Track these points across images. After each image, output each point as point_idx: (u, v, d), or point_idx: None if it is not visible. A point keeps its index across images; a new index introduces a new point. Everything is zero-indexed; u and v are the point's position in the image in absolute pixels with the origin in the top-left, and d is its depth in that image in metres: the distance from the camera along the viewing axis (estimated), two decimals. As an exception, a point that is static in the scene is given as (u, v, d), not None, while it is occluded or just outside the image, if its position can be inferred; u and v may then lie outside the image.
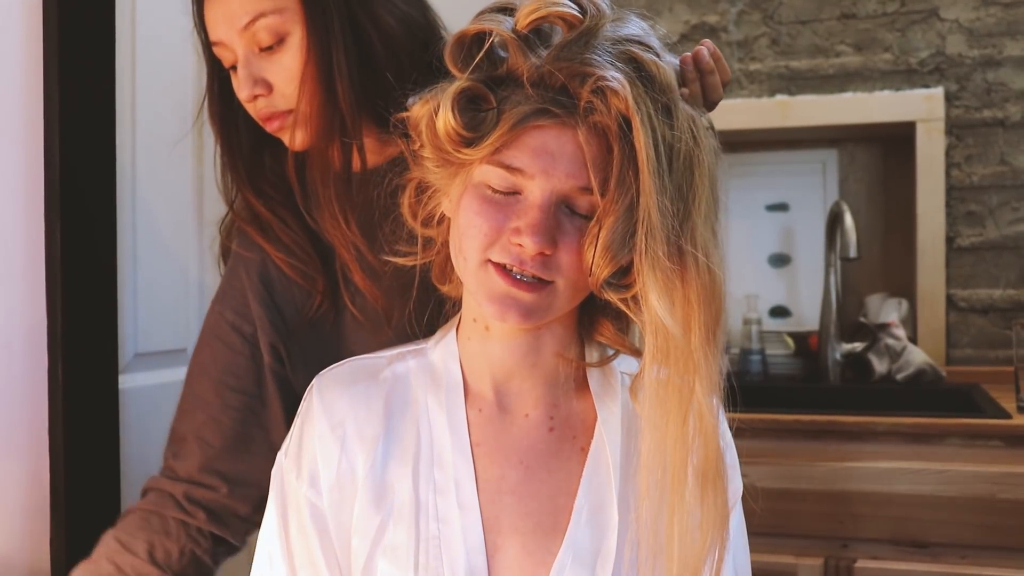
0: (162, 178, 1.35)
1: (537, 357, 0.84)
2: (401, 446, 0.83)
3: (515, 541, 0.81)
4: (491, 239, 0.75)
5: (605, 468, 0.82)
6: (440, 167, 0.79)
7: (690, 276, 0.73)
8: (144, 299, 1.31)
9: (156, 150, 1.34)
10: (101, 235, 1.16)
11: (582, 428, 0.85)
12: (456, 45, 0.78)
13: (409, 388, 0.86)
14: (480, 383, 0.85)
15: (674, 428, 0.74)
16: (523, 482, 0.82)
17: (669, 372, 0.74)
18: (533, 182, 0.74)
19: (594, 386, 0.86)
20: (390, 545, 0.80)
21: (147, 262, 1.31)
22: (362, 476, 0.82)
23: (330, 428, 0.84)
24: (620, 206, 0.73)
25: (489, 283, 0.77)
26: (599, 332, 0.86)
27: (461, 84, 0.75)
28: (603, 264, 0.74)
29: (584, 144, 0.73)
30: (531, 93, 0.73)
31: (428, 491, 0.81)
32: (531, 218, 0.73)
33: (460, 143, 0.75)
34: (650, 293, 0.73)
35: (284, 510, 0.84)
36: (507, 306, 0.76)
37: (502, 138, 0.73)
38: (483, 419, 0.84)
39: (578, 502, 0.81)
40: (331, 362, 0.89)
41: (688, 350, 0.74)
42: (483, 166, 0.75)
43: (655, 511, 0.75)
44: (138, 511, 1.01)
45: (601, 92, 0.71)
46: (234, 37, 0.95)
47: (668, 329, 0.73)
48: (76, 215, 1.10)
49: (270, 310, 1.03)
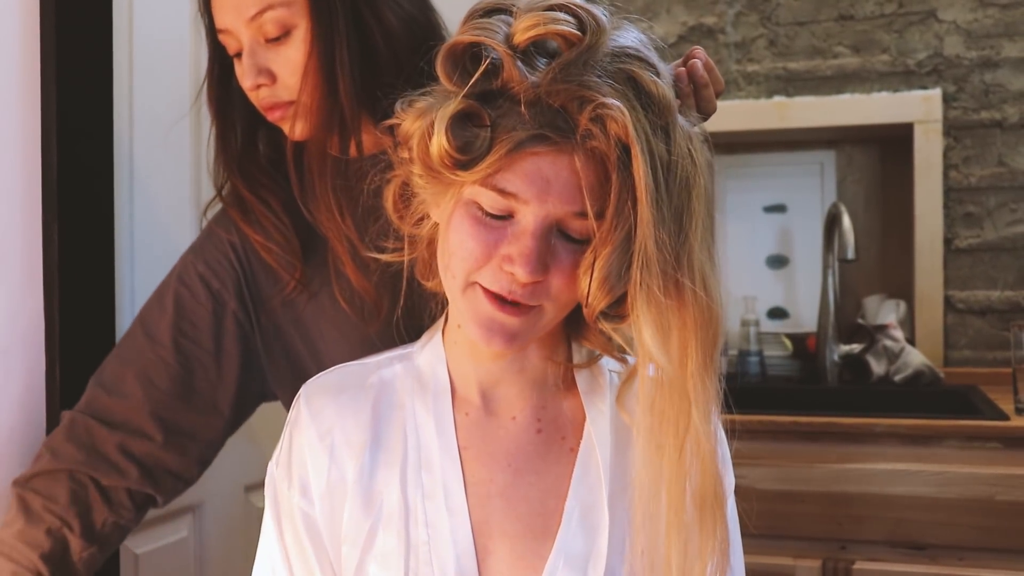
0: (160, 180, 1.35)
1: (524, 363, 0.84)
2: (389, 451, 0.83)
3: (505, 545, 0.80)
4: (481, 263, 0.74)
5: (595, 468, 0.82)
6: (429, 184, 0.77)
7: (687, 304, 0.72)
8: (142, 300, 1.31)
9: (154, 151, 1.33)
10: (99, 236, 1.15)
11: (571, 428, 0.84)
12: (449, 56, 0.74)
13: (396, 393, 0.85)
14: (467, 387, 0.85)
15: (670, 459, 0.74)
16: (512, 485, 0.82)
17: (659, 402, 0.74)
18: (527, 207, 0.72)
19: (582, 385, 0.85)
20: (380, 551, 0.80)
21: (145, 263, 1.31)
22: (351, 483, 0.82)
23: (319, 437, 0.83)
24: (617, 236, 0.71)
25: (476, 306, 0.75)
26: (585, 337, 0.85)
27: (457, 106, 0.72)
28: (600, 296, 0.73)
29: (581, 170, 0.71)
30: (526, 116, 0.70)
31: (416, 496, 0.81)
32: (524, 246, 0.72)
33: (453, 166, 0.72)
34: (644, 329, 0.72)
35: (279, 520, 0.84)
36: (493, 331, 0.75)
37: (497, 163, 0.71)
38: (470, 422, 0.84)
39: (568, 504, 0.81)
40: (304, 344, 0.88)
41: (683, 381, 0.73)
42: (475, 186, 0.73)
43: (653, 540, 0.75)
44: (58, 474, 0.98)
45: (600, 120, 0.69)
46: (240, 27, 0.96)
47: (659, 363, 0.73)
48: (74, 216, 1.10)
49: (245, 272, 1.04)
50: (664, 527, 0.75)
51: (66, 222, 1.08)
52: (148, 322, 1.05)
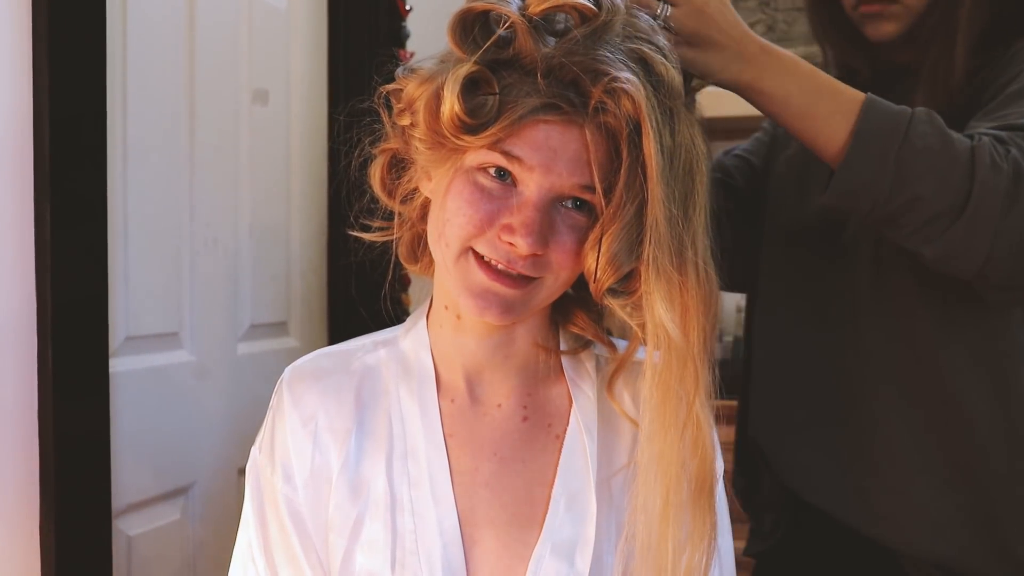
0: (153, 160, 1.34)
1: (510, 348, 0.83)
2: (374, 439, 0.82)
3: (491, 534, 0.80)
4: (479, 230, 0.73)
5: (582, 456, 0.82)
6: (431, 149, 0.76)
7: (690, 285, 0.72)
8: (135, 282, 1.31)
9: (147, 133, 1.33)
10: (91, 217, 1.15)
11: (557, 416, 0.84)
12: (460, 22, 0.73)
13: (380, 379, 0.85)
14: (452, 373, 0.84)
15: (673, 439, 0.74)
16: (498, 474, 0.81)
17: (668, 380, 0.74)
18: (531, 175, 0.72)
19: (568, 371, 0.85)
20: (367, 540, 0.80)
21: (138, 244, 1.31)
22: (336, 471, 0.81)
23: (301, 423, 0.83)
24: (627, 212, 0.71)
25: (469, 275, 0.75)
26: (573, 322, 0.85)
27: (469, 69, 0.71)
28: (609, 273, 0.73)
29: (590, 143, 0.71)
30: (540, 84, 0.70)
31: (402, 484, 0.80)
32: (526, 217, 0.71)
33: (461, 129, 0.71)
34: (657, 303, 0.72)
35: (261, 505, 0.83)
36: (488, 301, 0.74)
37: (506, 129, 0.70)
38: (455, 410, 0.83)
39: (555, 492, 0.81)
40: None
41: (690, 356, 0.73)
42: (479, 151, 0.73)
43: (648, 520, 0.75)
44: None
45: (614, 93, 0.69)
46: None
47: (673, 338, 0.72)
48: (65, 198, 1.09)
49: None
50: (660, 506, 0.74)
51: (58, 202, 1.08)
52: None
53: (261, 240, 1.59)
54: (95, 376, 1.16)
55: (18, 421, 1.06)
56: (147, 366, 1.33)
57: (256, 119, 1.58)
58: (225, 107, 1.50)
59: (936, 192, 0.83)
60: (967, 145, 0.85)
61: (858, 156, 0.84)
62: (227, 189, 1.51)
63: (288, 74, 1.68)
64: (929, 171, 0.84)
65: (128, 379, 1.28)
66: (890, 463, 1.02)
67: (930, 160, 0.84)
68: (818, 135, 0.87)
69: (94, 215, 1.15)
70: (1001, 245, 0.84)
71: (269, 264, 1.63)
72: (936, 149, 0.84)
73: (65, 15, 1.08)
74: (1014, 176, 0.83)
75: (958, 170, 0.83)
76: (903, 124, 0.85)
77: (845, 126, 0.85)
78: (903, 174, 0.83)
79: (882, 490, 1.03)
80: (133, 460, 1.30)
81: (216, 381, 1.48)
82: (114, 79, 1.23)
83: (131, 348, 1.30)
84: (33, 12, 1.06)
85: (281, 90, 1.66)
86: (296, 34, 1.70)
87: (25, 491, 1.08)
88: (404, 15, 1.87)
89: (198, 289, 1.44)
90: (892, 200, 0.84)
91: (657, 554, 0.75)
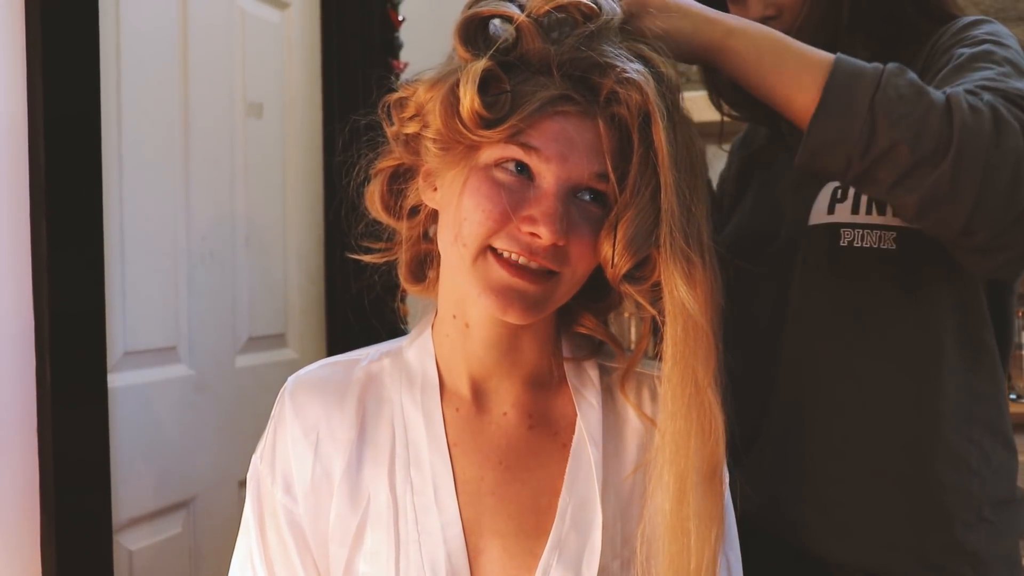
0: (149, 175, 1.35)
1: (517, 356, 0.83)
2: (376, 448, 0.82)
3: (496, 543, 0.79)
4: (499, 225, 0.73)
5: (587, 464, 0.81)
6: (445, 150, 0.76)
7: (698, 272, 0.74)
8: (133, 296, 1.31)
9: (143, 147, 1.33)
10: (88, 233, 1.15)
11: (563, 424, 0.84)
12: (467, 25, 0.75)
13: (383, 388, 0.85)
14: (457, 381, 0.84)
15: (692, 419, 0.75)
16: (503, 483, 0.81)
17: (686, 356, 0.75)
18: (548, 166, 0.73)
19: (572, 380, 0.85)
20: (370, 550, 0.79)
21: (135, 259, 1.31)
22: (338, 480, 0.81)
23: (303, 433, 0.82)
24: (641, 199, 0.73)
25: (490, 274, 0.75)
26: (580, 323, 0.85)
27: (485, 64, 0.72)
28: (626, 258, 0.74)
29: (604, 133, 0.73)
30: (554, 78, 0.73)
31: (406, 493, 0.80)
32: (547, 207, 0.72)
33: (480, 124, 0.72)
34: (677, 281, 0.73)
35: (261, 515, 0.83)
36: (509, 299, 0.74)
37: (524, 120, 0.72)
38: (460, 418, 0.83)
39: (562, 501, 0.80)
40: None
41: (708, 332, 0.74)
42: (495, 146, 0.74)
43: (663, 508, 0.75)
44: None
45: (624, 84, 0.72)
46: None
47: (694, 316, 0.74)
48: (62, 213, 1.09)
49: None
50: (674, 491, 0.75)
51: (54, 218, 1.08)
52: None
53: (258, 253, 1.60)
54: (94, 391, 1.16)
55: (18, 437, 1.06)
56: (146, 380, 1.33)
57: (251, 132, 1.58)
58: (220, 120, 1.50)
59: (916, 137, 0.81)
60: (942, 94, 0.84)
61: (832, 107, 0.83)
62: (223, 202, 1.51)
63: (282, 86, 1.69)
64: (906, 117, 0.82)
65: (127, 394, 1.28)
66: (812, 471, 1.02)
67: (907, 107, 0.82)
68: (789, 90, 0.86)
69: (91, 231, 1.15)
70: (988, 187, 0.81)
71: (266, 276, 1.63)
72: (911, 97, 0.82)
73: (58, 32, 1.09)
74: (993, 117, 0.81)
75: (936, 114, 0.81)
76: (876, 75, 0.84)
77: (817, 79, 0.84)
78: (879, 123, 0.81)
79: (799, 499, 1.02)
80: (133, 475, 1.30)
81: (215, 394, 1.48)
82: (108, 95, 1.23)
83: (130, 363, 1.30)
84: (26, 31, 1.06)
85: (276, 102, 1.66)
86: (290, 46, 1.71)
87: (26, 507, 1.08)
88: (397, 26, 1.88)
89: (196, 303, 1.44)
90: (869, 152, 0.82)
91: (679, 534, 0.75)
